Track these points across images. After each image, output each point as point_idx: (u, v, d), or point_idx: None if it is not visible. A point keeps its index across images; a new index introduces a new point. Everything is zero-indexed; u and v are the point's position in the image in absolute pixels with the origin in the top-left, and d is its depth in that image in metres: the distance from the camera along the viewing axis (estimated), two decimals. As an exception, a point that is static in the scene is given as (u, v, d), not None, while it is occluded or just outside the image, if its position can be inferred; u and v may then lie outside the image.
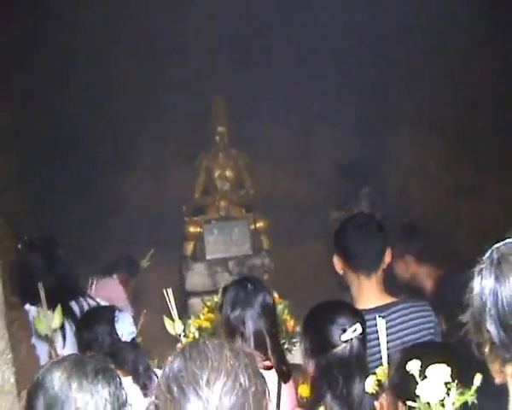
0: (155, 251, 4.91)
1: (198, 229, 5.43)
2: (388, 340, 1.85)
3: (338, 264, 2.28)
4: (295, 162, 6.63)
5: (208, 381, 1.05)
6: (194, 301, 4.98)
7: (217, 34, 6.05)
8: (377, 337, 1.86)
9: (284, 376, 2.17)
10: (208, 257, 5.33)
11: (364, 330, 1.88)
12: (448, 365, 1.49)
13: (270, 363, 2.16)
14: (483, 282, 1.23)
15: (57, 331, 2.45)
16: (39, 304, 2.40)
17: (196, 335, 3.41)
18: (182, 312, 2.49)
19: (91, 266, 4.13)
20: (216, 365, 1.07)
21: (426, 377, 1.40)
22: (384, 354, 1.79)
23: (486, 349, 1.22)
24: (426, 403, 1.38)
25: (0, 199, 4.91)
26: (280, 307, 3.08)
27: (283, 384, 2.16)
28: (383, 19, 5.71)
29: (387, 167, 6.16)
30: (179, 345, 3.16)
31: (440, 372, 1.39)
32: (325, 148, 6.46)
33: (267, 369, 2.12)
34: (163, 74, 6.22)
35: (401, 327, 2.15)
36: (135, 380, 2.17)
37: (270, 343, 2.19)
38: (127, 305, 4.80)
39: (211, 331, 3.42)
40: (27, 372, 2.37)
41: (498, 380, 1.23)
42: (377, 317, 1.87)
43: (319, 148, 6.55)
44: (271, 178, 6.57)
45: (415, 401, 1.51)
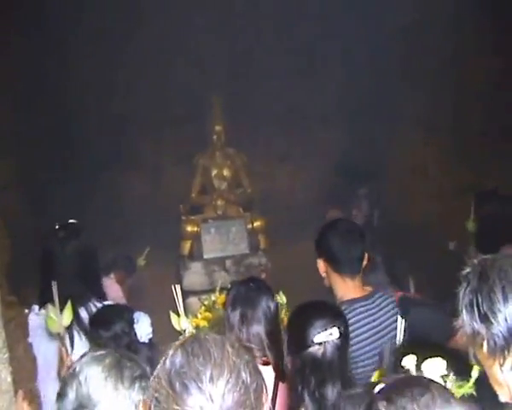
0: (151, 249, 4.92)
1: (195, 228, 5.43)
2: (374, 322, 2.27)
3: (322, 267, 2.46)
4: (293, 162, 6.63)
5: (212, 377, 1.05)
6: (191, 300, 4.97)
7: (216, 34, 6.06)
8: (364, 324, 2.28)
9: (282, 375, 2.18)
10: (205, 256, 5.33)
11: (345, 336, 1.87)
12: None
13: (267, 359, 2.17)
14: (469, 287, 1.27)
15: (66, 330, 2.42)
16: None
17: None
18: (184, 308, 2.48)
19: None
20: (219, 361, 1.07)
21: (421, 370, 1.42)
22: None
23: (485, 349, 1.22)
24: None
25: (-2, 198, 4.91)
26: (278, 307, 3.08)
27: (281, 383, 2.17)
28: (383, 19, 5.71)
29: (386, 167, 6.16)
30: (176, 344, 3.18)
31: (436, 366, 1.40)
32: (323, 147, 6.47)
33: (265, 364, 2.13)
34: (162, 74, 6.22)
35: (384, 311, 2.37)
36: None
37: (268, 344, 2.19)
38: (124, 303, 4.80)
39: (208, 330, 3.44)
40: (24, 371, 2.38)
41: (504, 398, 1.23)
42: (398, 318, 2.02)
43: (317, 147, 6.56)
44: (269, 177, 6.58)
45: None
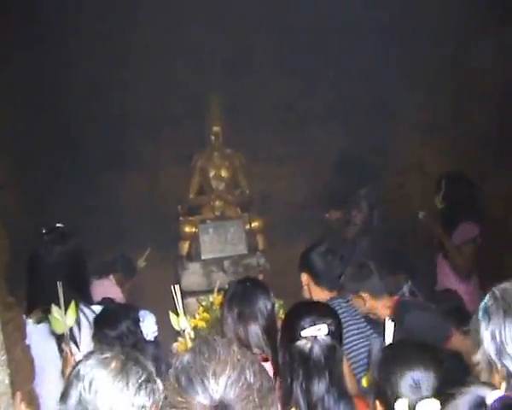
0: (151, 251, 4.92)
1: (193, 229, 5.43)
2: (352, 313, 2.77)
3: (305, 280, 2.92)
4: (291, 162, 6.63)
5: (215, 372, 1.10)
6: (189, 300, 4.97)
7: (214, 33, 6.05)
8: (349, 315, 2.72)
9: (279, 370, 2.19)
10: (203, 257, 5.33)
11: (335, 334, 1.88)
12: (426, 361, 1.63)
13: (266, 355, 2.19)
14: (492, 321, 1.29)
15: (81, 328, 2.44)
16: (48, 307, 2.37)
17: (192, 334, 3.42)
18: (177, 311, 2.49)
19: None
20: (223, 358, 1.13)
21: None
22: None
23: (503, 385, 1.29)
24: None
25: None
26: (275, 307, 3.09)
27: (279, 378, 2.18)
28: (384, 17, 5.72)
29: (386, 167, 6.17)
30: (175, 344, 3.17)
31: (431, 407, 1.43)
32: (322, 147, 6.46)
33: (263, 361, 2.14)
34: (161, 74, 6.22)
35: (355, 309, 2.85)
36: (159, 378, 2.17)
37: (265, 341, 2.21)
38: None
39: (206, 331, 3.44)
40: (23, 373, 2.38)
41: None
42: (386, 319, 2.06)
43: (316, 148, 6.56)
44: (267, 177, 6.57)
45: (388, 402, 1.58)
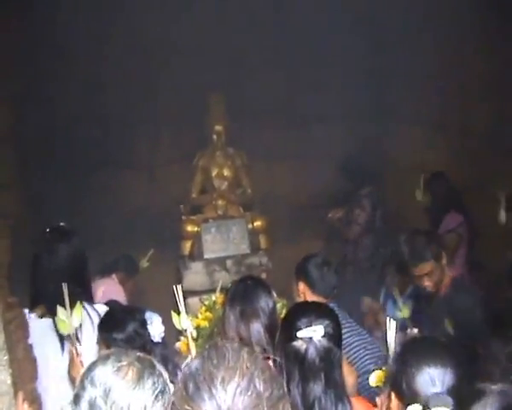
0: (155, 251, 4.91)
1: (196, 228, 5.42)
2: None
3: (301, 289, 3.03)
4: (293, 161, 6.62)
5: (223, 380, 1.06)
6: (191, 300, 4.96)
7: (215, 32, 6.04)
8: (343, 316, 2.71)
9: None
10: (206, 256, 5.32)
11: (333, 337, 1.87)
12: (444, 359, 1.63)
13: (267, 354, 2.18)
14: None
15: (83, 328, 2.45)
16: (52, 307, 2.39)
17: (194, 334, 3.41)
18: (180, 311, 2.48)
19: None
20: (232, 365, 1.08)
21: None
22: (390, 351, 1.96)
23: None
24: None
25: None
26: (278, 307, 3.08)
27: None
28: (385, 16, 5.70)
29: (388, 166, 6.15)
30: (177, 344, 3.16)
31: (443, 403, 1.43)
32: (324, 146, 6.45)
33: (265, 359, 2.14)
34: (161, 73, 6.21)
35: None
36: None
37: (267, 339, 2.20)
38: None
39: (209, 330, 3.43)
40: (25, 372, 2.37)
41: None
42: (387, 318, 2.11)
43: (318, 146, 6.54)
44: (269, 176, 6.56)
45: (403, 395, 1.61)
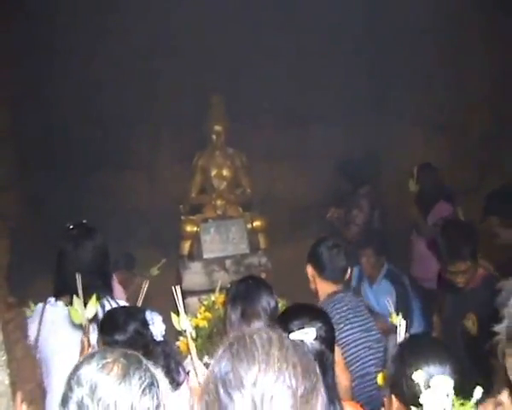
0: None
1: (195, 228, 5.42)
2: (355, 308, 2.84)
3: (310, 272, 2.98)
4: (293, 161, 6.62)
5: (255, 383, 1.04)
6: (191, 300, 4.96)
7: (215, 32, 6.04)
8: (349, 308, 2.81)
9: None
10: (205, 256, 5.32)
11: (325, 340, 1.86)
12: (442, 357, 1.65)
13: None
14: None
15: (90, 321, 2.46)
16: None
17: (193, 334, 3.40)
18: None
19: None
20: (263, 367, 1.06)
21: (430, 386, 1.44)
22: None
23: None
24: None
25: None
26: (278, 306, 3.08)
27: None
28: (386, 16, 5.70)
29: (387, 166, 6.15)
30: (177, 344, 3.16)
31: (444, 383, 1.41)
32: (323, 146, 6.45)
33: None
34: (161, 73, 6.22)
35: (359, 301, 3.03)
36: (166, 374, 2.15)
37: None
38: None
39: (208, 330, 3.42)
40: (23, 372, 2.37)
41: None
42: (398, 319, 2.11)
43: (317, 146, 6.55)
44: (269, 176, 6.56)
45: (404, 395, 1.57)
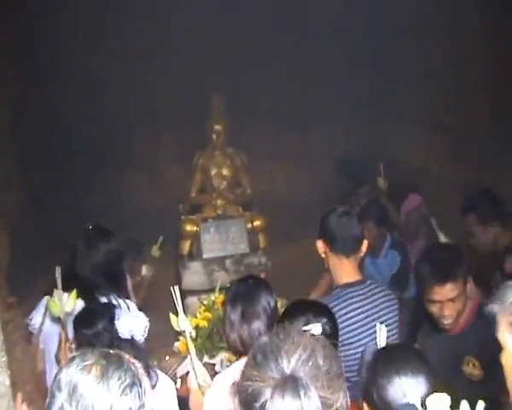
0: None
1: (195, 227, 5.42)
2: (369, 305, 2.49)
3: (321, 247, 2.65)
4: (292, 161, 6.63)
5: (287, 351, 1.22)
6: (190, 299, 4.97)
7: (216, 33, 6.04)
8: (356, 307, 2.46)
9: None
10: (205, 256, 5.32)
11: (330, 336, 1.86)
12: (415, 368, 1.60)
13: None
14: None
15: (69, 315, 2.48)
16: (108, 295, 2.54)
17: (193, 334, 3.41)
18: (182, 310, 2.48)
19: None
20: (296, 340, 1.25)
21: (426, 406, 1.43)
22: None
23: None
24: None
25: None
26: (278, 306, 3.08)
27: None
28: (386, 15, 5.70)
29: (387, 166, 6.15)
30: (176, 344, 3.16)
31: (442, 401, 1.41)
32: (323, 147, 6.46)
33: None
34: (161, 73, 6.22)
35: (378, 296, 2.58)
36: None
37: None
38: (131, 296, 4.81)
39: (208, 330, 3.42)
40: (23, 373, 2.38)
41: None
42: (377, 325, 2.04)
43: (317, 146, 6.55)
44: (269, 176, 6.57)
45: (375, 404, 1.59)
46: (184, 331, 2.43)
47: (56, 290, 2.46)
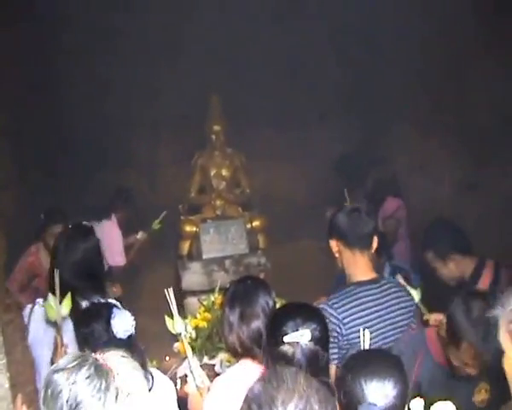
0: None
1: (194, 228, 5.42)
2: (382, 305, 2.48)
3: (335, 247, 2.62)
4: (291, 161, 6.63)
5: (283, 402, 1.20)
6: (190, 300, 4.97)
7: (215, 33, 6.04)
8: (368, 307, 2.45)
9: None
10: (204, 256, 5.32)
11: (320, 340, 1.86)
12: (382, 373, 1.60)
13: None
14: None
15: (66, 319, 2.48)
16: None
17: (193, 334, 3.41)
18: (178, 311, 2.47)
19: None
20: (291, 387, 1.23)
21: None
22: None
23: None
24: None
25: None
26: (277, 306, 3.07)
27: None
28: (383, 17, 5.70)
29: (386, 166, 6.16)
30: (176, 345, 3.16)
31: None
32: (323, 147, 6.46)
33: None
34: (161, 73, 6.21)
35: (392, 296, 2.56)
36: None
37: (264, 342, 2.19)
38: (122, 257, 4.85)
39: (207, 331, 3.43)
40: (23, 375, 2.37)
41: None
42: (361, 329, 2.02)
43: (316, 146, 6.55)
44: (268, 176, 6.57)
45: (342, 406, 1.61)
46: (180, 334, 2.43)
47: (51, 295, 2.45)
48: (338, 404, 1.64)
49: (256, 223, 5.51)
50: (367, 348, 1.96)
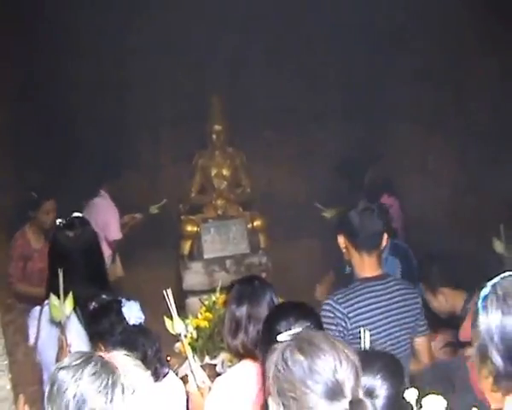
0: (167, 201, 5.09)
1: (195, 228, 5.42)
2: (386, 301, 2.51)
3: (342, 243, 2.65)
4: (293, 161, 6.62)
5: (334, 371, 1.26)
6: (191, 300, 4.97)
7: (215, 33, 6.04)
8: (373, 303, 2.48)
9: None
10: (206, 256, 5.32)
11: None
12: (373, 368, 1.61)
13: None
14: (489, 317, 1.32)
15: (70, 319, 2.48)
16: None
17: (194, 334, 3.41)
18: (179, 311, 2.47)
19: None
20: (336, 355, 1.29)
21: (421, 406, 1.43)
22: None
23: (490, 379, 1.31)
24: None
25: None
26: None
27: None
28: (382, 16, 5.70)
29: (386, 166, 6.15)
30: (177, 345, 3.16)
31: (437, 403, 1.41)
32: (323, 146, 6.45)
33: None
34: (161, 73, 6.21)
35: (397, 293, 2.59)
36: (146, 365, 2.17)
37: (260, 341, 2.20)
38: (117, 228, 4.90)
39: (209, 331, 3.42)
40: (24, 375, 2.37)
41: (495, 407, 1.35)
42: (361, 330, 2.01)
43: (317, 146, 6.55)
44: (268, 176, 6.56)
45: None
46: (180, 335, 2.43)
47: (53, 295, 2.43)
48: None
49: (257, 223, 5.51)
50: (368, 350, 1.96)
